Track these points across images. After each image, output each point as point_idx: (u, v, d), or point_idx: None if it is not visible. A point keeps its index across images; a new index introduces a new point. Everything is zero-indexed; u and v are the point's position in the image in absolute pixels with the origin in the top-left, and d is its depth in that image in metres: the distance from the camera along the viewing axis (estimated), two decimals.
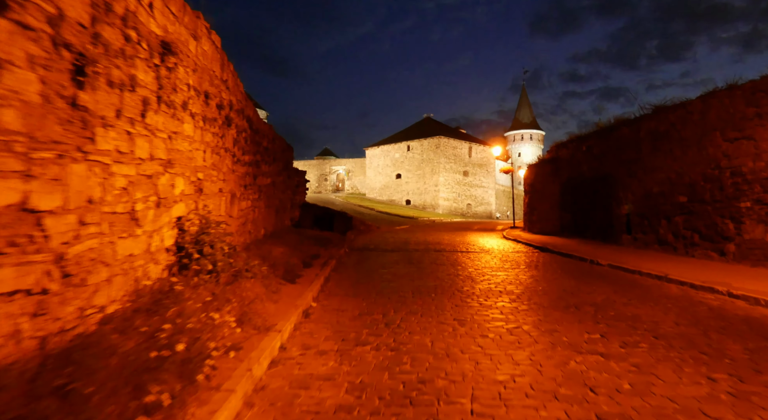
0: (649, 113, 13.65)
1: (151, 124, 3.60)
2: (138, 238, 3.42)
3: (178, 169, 4.35)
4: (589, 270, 10.16)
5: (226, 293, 4.06)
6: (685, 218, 11.65)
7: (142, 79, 3.38)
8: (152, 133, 3.62)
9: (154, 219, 3.76)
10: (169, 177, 4.10)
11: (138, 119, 3.36)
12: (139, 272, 3.47)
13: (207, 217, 5.01)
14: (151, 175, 3.63)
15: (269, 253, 7.64)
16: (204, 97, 5.13)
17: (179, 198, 4.40)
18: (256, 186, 9.06)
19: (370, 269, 10.07)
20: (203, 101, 5.11)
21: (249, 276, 4.86)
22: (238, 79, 6.97)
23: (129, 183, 3.26)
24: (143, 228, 3.50)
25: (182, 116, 4.41)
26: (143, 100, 3.43)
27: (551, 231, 20.50)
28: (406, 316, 5.76)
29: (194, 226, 4.40)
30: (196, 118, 4.89)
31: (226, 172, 6.35)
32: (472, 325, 5.32)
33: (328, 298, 6.87)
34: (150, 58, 3.52)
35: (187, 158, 4.63)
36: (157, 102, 3.69)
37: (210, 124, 5.44)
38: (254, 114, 8.61)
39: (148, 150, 3.55)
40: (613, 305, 6.42)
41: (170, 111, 4.02)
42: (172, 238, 4.19)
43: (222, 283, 4.25)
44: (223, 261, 4.38)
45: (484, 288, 7.73)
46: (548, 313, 5.93)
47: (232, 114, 6.51)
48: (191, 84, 4.66)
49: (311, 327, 5.17)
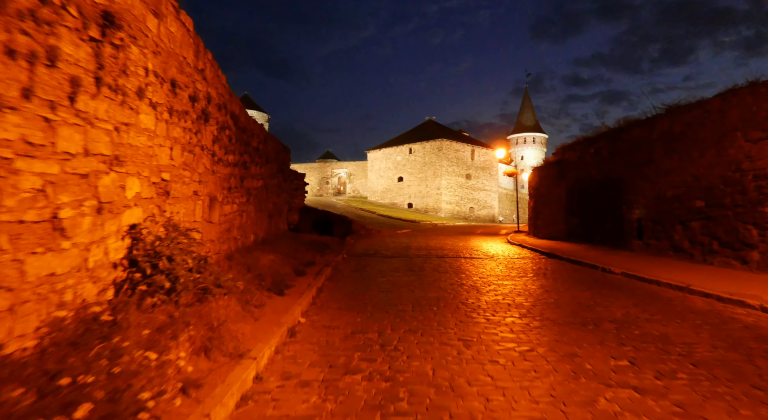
0: (662, 113, 13.01)
1: (85, 111, 2.96)
2: (65, 253, 2.78)
3: (132, 167, 3.71)
4: (601, 279, 9.50)
5: (186, 315, 3.43)
6: (702, 224, 10.97)
7: (70, 55, 2.75)
8: (88, 123, 2.98)
9: (93, 228, 3.11)
10: (117, 177, 3.45)
11: (63, 104, 2.72)
12: (67, 295, 2.81)
13: (177, 224, 4.39)
14: (87, 175, 2.99)
15: (256, 262, 7.00)
16: (170, 86, 4.50)
17: (133, 202, 3.77)
18: (244, 189, 8.43)
19: (368, 278, 9.43)
20: (169, 90, 4.48)
21: (221, 292, 4.24)
22: (218, 71, 6.34)
23: (47, 183, 2.59)
24: (74, 239, 2.86)
25: (137, 105, 3.78)
26: (71, 80, 2.79)
27: (557, 236, 19.83)
28: (405, 335, 5.12)
29: (152, 236, 3.76)
30: (158, 109, 4.26)
31: (203, 173, 5.72)
32: (479, 346, 4.67)
33: (319, 312, 6.23)
34: (83, 29, 2.90)
35: (145, 155, 3.99)
36: (96, 84, 3.06)
37: (180, 118, 4.81)
38: (241, 111, 7.99)
39: (81, 143, 2.91)
40: (636, 321, 5.76)
41: (117, 97, 3.39)
42: (122, 251, 3.55)
43: (183, 303, 3.62)
44: (186, 276, 3.75)
45: (491, 300, 7.09)
46: (564, 331, 5.28)
47: (211, 108, 5.88)
48: (151, 69, 4.04)
49: (296, 349, 4.53)
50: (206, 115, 5.67)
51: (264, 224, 10.89)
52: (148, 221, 3.92)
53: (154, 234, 3.80)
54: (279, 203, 13.48)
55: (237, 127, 7.67)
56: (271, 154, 11.73)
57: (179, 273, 3.68)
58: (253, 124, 9.35)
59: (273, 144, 12.15)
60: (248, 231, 9.02)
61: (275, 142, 12.67)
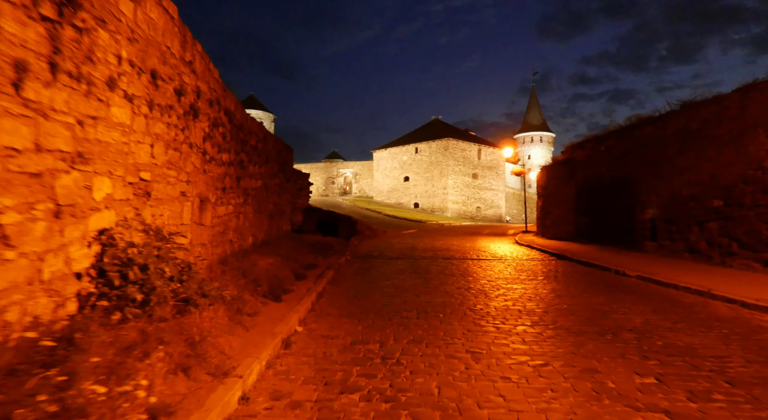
0: (677, 110, 12.55)
1: (37, 101, 2.58)
2: (9, 265, 2.41)
3: (101, 166, 3.34)
4: (615, 282, 9.08)
5: (161, 331, 3.08)
6: (720, 224, 10.51)
7: (13, 34, 2.37)
8: (41, 114, 2.59)
9: (49, 235, 2.74)
10: (81, 176, 3.08)
11: (5, 91, 2.36)
12: (11, 314, 2.40)
13: (159, 228, 4.05)
14: (39, 174, 2.62)
15: (253, 266, 6.65)
16: (150, 77, 4.14)
17: (104, 204, 3.40)
18: (241, 189, 8.08)
19: (371, 281, 9.07)
20: (149, 82, 4.12)
21: (207, 302, 3.88)
22: (210, 64, 5.96)
23: None
24: (21, 248, 2.50)
25: (108, 97, 3.42)
26: (15, 63, 2.43)
27: (566, 236, 19.37)
28: (408, 346, 4.75)
29: (124, 242, 3.40)
30: (135, 102, 3.90)
31: (191, 173, 5.36)
32: (489, 360, 4.29)
33: (318, 319, 5.88)
34: (33, 7, 2.54)
35: (118, 152, 3.61)
36: (51, 71, 2.69)
37: (163, 113, 4.45)
38: (237, 107, 7.63)
39: (30, 137, 2.53)
40: (657, 330, 5.36)
41: (81, 87, 3.03)
42: (88, 259, 3.18)
43: (158, 317, 3.27)
44: (163, 286, 3.40)
45: (500, 306, 6.70)
46: (580, 342, 4.88)
47: (201, 103, 5.52)
48: (125, 57, 3.68)
49: (290, 363, 4.17)
50: (195, 111, 5.31)
51: (264, 226, 10.55)
52: (122, 225, 3.56)
53: (126, 240, 3.44)
54: (281, 204, 13.13)
55: (232, 125, 7.32)
56: (272, 153, 11.38)
57: (154, 283, 3.32)
58: (251, 121, 9.00)
59: (273, 143, 11.80)
60: (246, 233, 8.67)
61: (276, 141, 12.32)
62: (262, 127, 10.12)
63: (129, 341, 2.76)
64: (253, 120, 9.21)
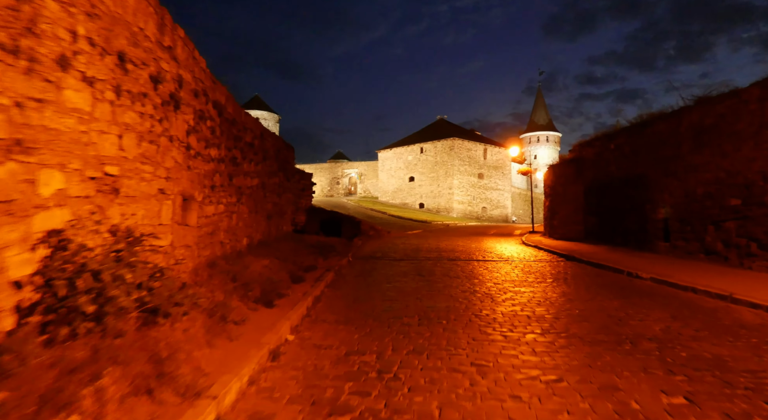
0: (691, 105, 12.06)
1: None
2: None
3: (50, 157, 2.95)
4: (629, 285, 8.63)
5: (118, 348, 2.70)
6: (738, 224, 10.02)
7: None
8: None
9: None
10: (21, 168, 2.67)
11: None
12: None
13: (130, 229, 3.68)
14: None
15: (245, 269, 6.28)
16: (117, 60, 3.76)
17: (54, 201, 3.01)
18: (234, 187, 7.69)
19: (372, 284, 8.67)
20: (116, 65, 3.72)
21: (180, 311, 3.50)
22: (195, 52, 5.56)
23: None
24: None
25: (59, 77, 3.03)
26: None
27: (575, 236, 18.89)
28: (408, 357, 4.35)
29: (75, 244, 3.01)
30: (98, 87, 3.51)
31: (172, 168, 4.96)
32: (496, 374, 3.88)
33: (312, 326, 5.49)
34: None
35: (74, 142, 3.22)
36: None
37: (135, 101, 4.06)
38: (228, 101, 7.23)
39: None
40: (679, 339, 4.93)
41: (19, 63, 2.63)
42: (31, 265, 2.78)
43: (114, 331, 2.88)
44: (122, 295, 3.01)
45: (508, 311, 6.28)
46: (596, 352, 4.46)
47: (184, 94, 5.13)
48: (82, 34, 3.29)
49: (275, 378, 3.78)
50: (176, 101, 4.92)
51: (261, 226, 10.17)
52: (78, 226, 3.17)
53: (80, 243, 3.04)
54: (281, 203, 12.76)
55: (223, 119, 6.92)
56: (270, 151, 11.00)
57: (111, 292, 2.94)
58: (246, 116, 8.60)
59: (272, 140, 11.41)
60: (240, 234, 8.29)
61: (275, 139, 11.93)
62: (258, 123, 9.73)
63: (76, 361, 2.39)
64: (248, 115, 8.82)
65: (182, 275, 4.67)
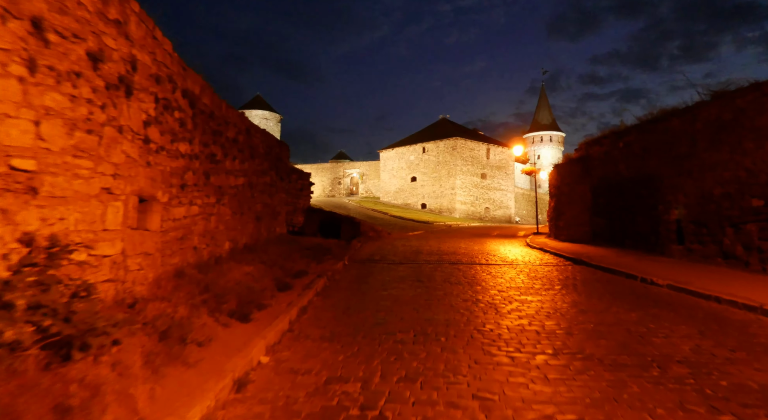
0: (707, 100, 11.37)
1: None
2: None
3: None
4: (644, 292, 7.96)
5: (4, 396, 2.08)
6: (761, 226, 9.33)
7: None
8: None
9: None
10: None
11: None
12: None
13: (55, 237, 3.04)
14: None
15: (221, 277, 5.63)
16: (32, 27, 3.12)
17: None
18: (212, 186, 7.03)
19: (367, 291, 8.03)
20: (28, 33, 3.07)
21: (106, 341, 2.85)
22: (156, 31, 4.88)
23: None
24: None
25: None
26: None
27: (581, 238, 18.20)
28: (398, 386, 3.69)
29: None
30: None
31: (123, 164, 4.29)
32: (503, 411, 3.22)
33: (292, 344, 4.83)
34: None
35: None
36: None
37: (61, 80, 3.39)
38: (204, 91, 6.55)
39: None
40: (714, 362, 4.26)
41: None
42: None
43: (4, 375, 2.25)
44: (7, 329, 2.36)
45: (514, 325, 5.62)
46: (620, 380, 3.80)
47: (139, 78, 4.46)
48: None
49: (236, 416, 3.12)
50: (128, 86, 4.27)
51: (248, 228, 9.52)
52: None
53: None
54: (273, 204, 12.12)
55: (197, 110, 6.24)
56: (259, 148, 10.34)
57: None
58: (228, 110, 7.92)
59: (262, 137, 10.75)
60: (220, 237, 7.63)
61: (265, 135, 11.27)
62: (243, 118, 9.06)
63: None
64: (231, 109, 8.15)
65: (137, 288, 4.05)
